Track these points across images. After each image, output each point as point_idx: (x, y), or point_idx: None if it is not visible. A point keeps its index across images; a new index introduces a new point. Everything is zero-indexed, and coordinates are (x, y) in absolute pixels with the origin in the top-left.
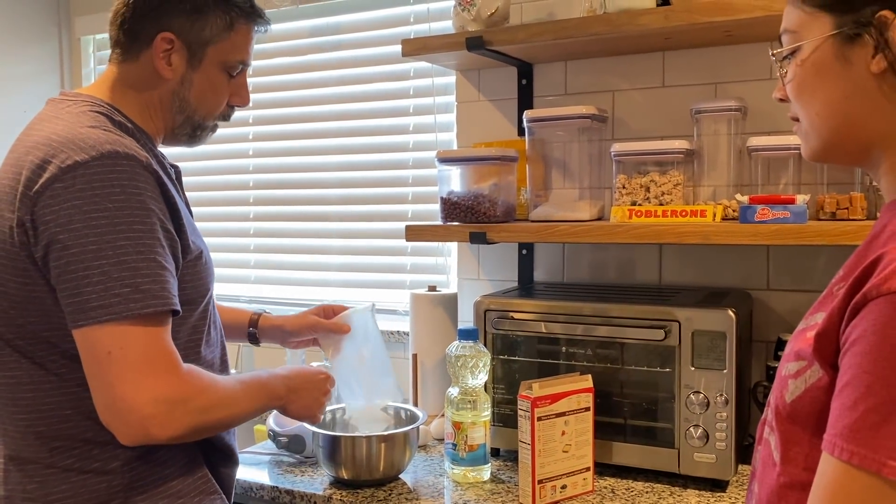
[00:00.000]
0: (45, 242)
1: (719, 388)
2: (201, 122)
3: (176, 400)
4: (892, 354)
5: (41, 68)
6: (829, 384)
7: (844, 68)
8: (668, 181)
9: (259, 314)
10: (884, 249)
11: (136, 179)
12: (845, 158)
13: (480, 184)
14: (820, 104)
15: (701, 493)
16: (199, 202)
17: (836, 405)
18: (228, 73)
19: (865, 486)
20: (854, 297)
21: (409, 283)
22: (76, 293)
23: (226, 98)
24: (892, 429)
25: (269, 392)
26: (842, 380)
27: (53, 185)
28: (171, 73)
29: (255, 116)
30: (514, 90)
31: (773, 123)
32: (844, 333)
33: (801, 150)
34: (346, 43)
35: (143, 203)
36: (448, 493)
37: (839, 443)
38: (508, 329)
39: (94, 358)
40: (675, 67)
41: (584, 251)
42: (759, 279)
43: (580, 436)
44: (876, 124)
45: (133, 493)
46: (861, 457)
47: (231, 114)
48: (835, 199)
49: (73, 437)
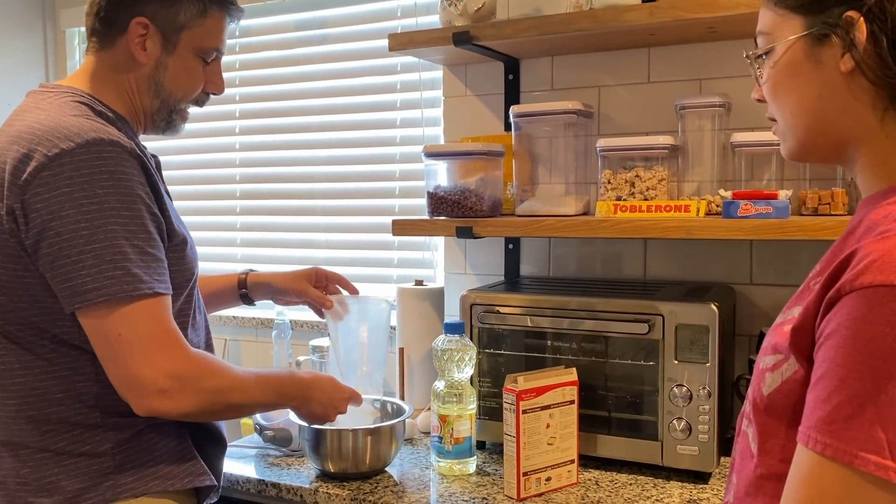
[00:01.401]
0: (36, 230)
1: (702, 382)
2: (176, 105)
3: (188, 377)
4: (864, 348)
5: (26, 61)
6: (805, 377)
7: (816, 68)
8: (652, 176)
9: (246, 273)
10: (858, 244)
11: (122, 165)
12: (822, 157)
13: (467, 178)
14: (793, 104)
15: (684, 485)
16: (185, 195)
17: (810, 398)
18: (203, 59)
19: (838, 478)
20: (829, 292)
21: (396, 277)
22: (70, 277)
23: (201, 84)
24: (864, 421)
25: (283, 392)
26: (816, 373)
27: (41, 173)
28: (146, 58)
29: (241, 110)
30: (501, 85)
31: (756, 119)
32: (819, 327)
33: (781, 149)
34: (333, 37)
35: (130, 188)
36: (434, 485)
37: (813, 435)
38: (494, 323)
39: (106, 341)
40: (660, 63)
41: (570, 246)
42: (742, 274)
43: (565, 428)
44: (848, 123)
45: (123, 474)
46: (834, 448)
47: (205, 101)
48: (817, 195)
49: (64, 420)
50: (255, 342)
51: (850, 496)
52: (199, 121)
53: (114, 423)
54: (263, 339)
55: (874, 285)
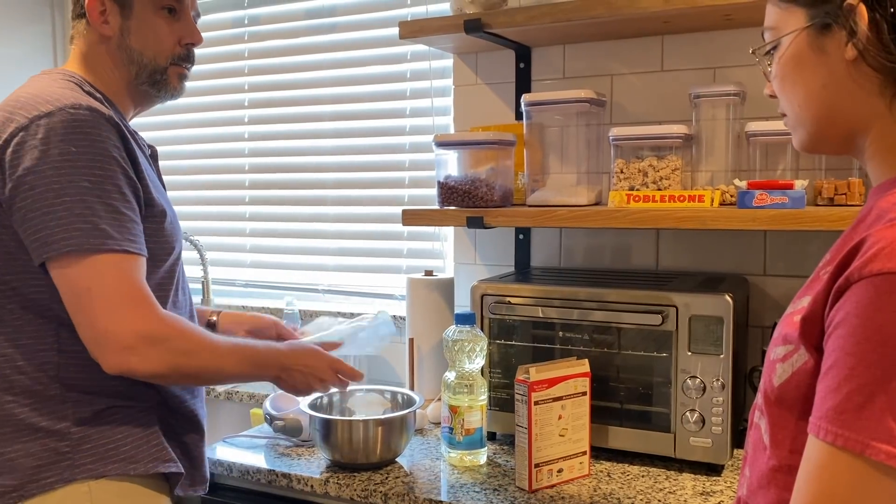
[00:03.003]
0: (11, 185)
1: (716, 373)
2: (154, 65)
3: (156, 337)
4: (874, 336)
5: (34, 49)
6: (815, 367)
7: (820, 58)
8: (666, 166)
9: (217, 313)
10: (867, 232)
11: (98, 128)
12: (833, 148)
13: (478, 168)
14: (801, 96)
15: (696, 477)
16: (194, 186)
17: (820, 388)
18: (167, 11)
19: (850, 468)
20: (838, 281)
21: (406, 267)
22: (40, 229)
23: (172, 38)
24: (875, 410)
25: (259, 362)
26: (826, 363)
27: (19, 133)
28: (110, 30)
29: (250, 100)
30: (512, 74)
31: (771, 109)
32: (829, 317)
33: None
34: (343, 25)
35: (105, 149)
36: (445, 476)
37: (824, 425)
38: (505, 314)
39: (76, 295)
40: (674, 51)
41: (581, 236)
42: (755, 264)
43: (577, 420)
44: (854, 112)
45: (82, 454)
46: (845, 438)
47: (189, 55)
48: (833, 185)
49: (25, 389)
50: None
51: (861, 486)
52: (209, 109)
53: (74, 397)
54: None
55: (883, 273)
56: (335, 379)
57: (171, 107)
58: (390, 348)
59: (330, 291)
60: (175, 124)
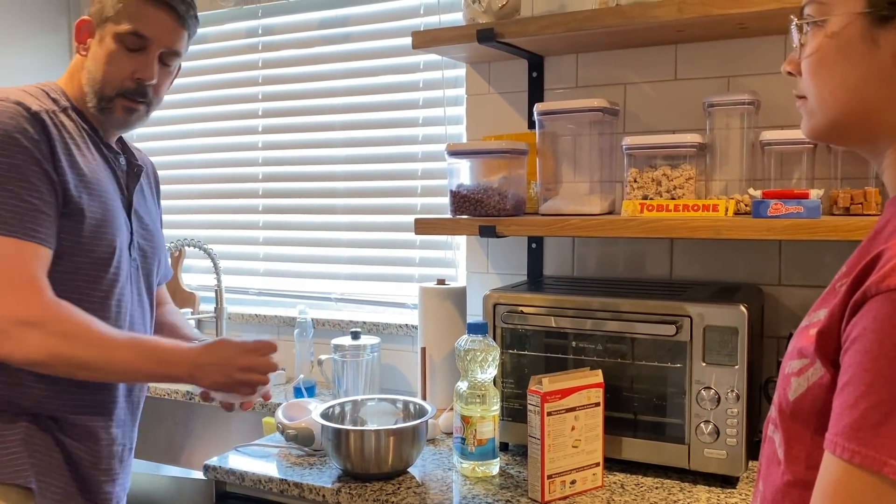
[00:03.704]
0: None
1: (730, 384)
2: (101, 92)
3: (32, 320)
4: (891, 352)
5: (50, 59)
6: (831, 382)
7: (870, 50)
8: (680, 175)
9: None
10: (885, 246)
11: (15, 119)
12: (848, 141)
13: (490, 177)
14: (836, 83)
15: (711, 489)
16: (208, 195)
17: (837, 403)
18: (124, 44)
19: (867, 485)
20: (855, 294)
21: (418, 276)
22: None
23: (124, 69)
24: (892, 427)
25: (166, 359)
26: (842, 378)
27: None
28: (84, 52)
29: (264, 109)
30: (525, 83)
31: (786, 117)
32: (845, 331)
33: (802, 126)
34: (356, 35)
35: (17, 141)
36: (457, 487)
37: (840, 442)
38: (518, 323)
39: None
40: (687, 60)
41: (594, 245)
42: (770, 274)
43: (590, 431)
44: (889, 114)
45: None
46: (862, 456)
47: (139, 90)
48: (849, 194)
49: None
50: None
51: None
52: (223, 119)
53: None
54: (285, 337)
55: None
56: (253, 363)
57: (186, 116)
58: (402, 357)
59: (342, 300)
60: (189, 133)
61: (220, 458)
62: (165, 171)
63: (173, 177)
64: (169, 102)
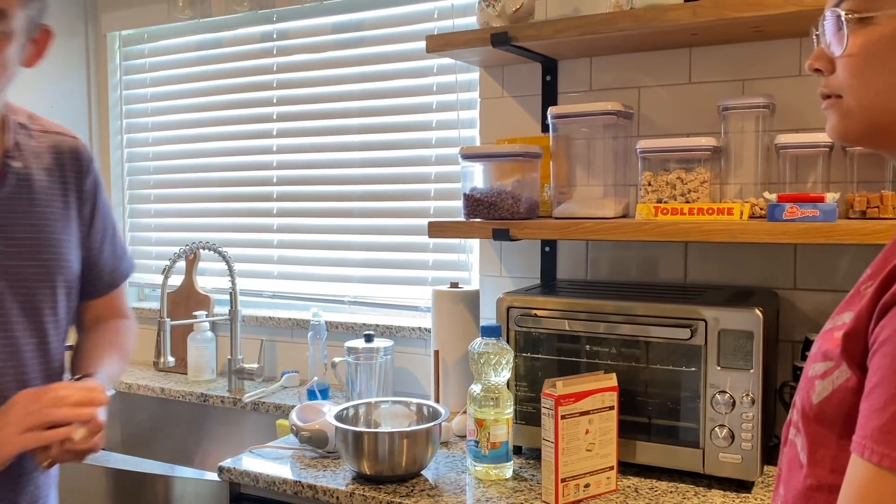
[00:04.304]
0: None
1: (745, 388)
2: None
3: None
4: None
5: (68, 64)
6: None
7: None
8: (694, 178)
9: None
10: None
11: None
12: (881, 143)
13: (503, 180)
14: (883, 85)
15: (726, 493)
16: (223, 198)
17: (865, 407)
18: None
19: None
20: (883, 297)
21: (431, 279)
22: None
23: None
24: None
25: None
26: (871, 381)
27: None
28: None
29: (278, 113)
30: (538, 86)
31: (801, 121)
32: (873, 334)
33: (829, 127)
34: (370, 39)
35: None
36: (470, 489)
37: (869, 445)
38: (531, 326)
39: None
40: (702, 64)
41: (608, 249)
42: (785, 278)
43: (604, 434)
44: None
45: None
46: (892, 459)
47: None
48: (865, 198)
49: None
50: (290, 343)
51: None
52: (238, 123)
53: None
54: (299, 340)
55: None
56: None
57: (201, 120)
58: (416, 360)
59: (356, 303)
60: (204, 137)
61: (234, 460)
62: (180, 175)
63: (188, 180)
64: (184, 107)
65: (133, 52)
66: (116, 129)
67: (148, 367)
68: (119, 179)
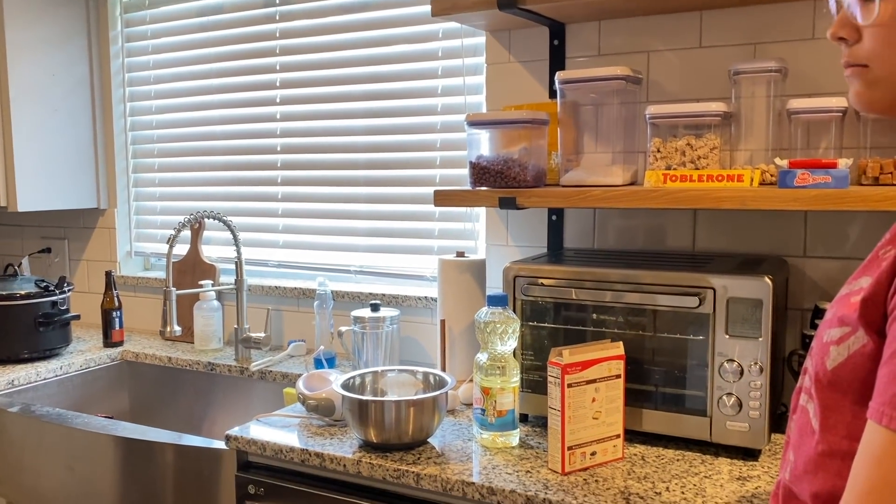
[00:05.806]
0: None
1: (754, 357)
2: None
3: None
4: None
5: (69, 31)
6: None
7: None
8: (704, 145)
9: None
10: None
11: None
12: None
13: (510, 148)
14: None
15: (733, 461)
16: (227, 166)
17: (883, 373)
18: None
19: None
20: None
21: (437, 248)
22: None
23: None
24: None
25: None
26: (889, 348)
27: None
28: None
29: (282, 80)
30: (546, 51)
31: (814, 85)
32: (892, 299)
33: (854, 96)
34: (374, 4)
35: None
36: (477, 457)
37: (887, 411)
38: (538, 295)
39: None
40: (712, 27)
41: (615, 217)
42: (795, 246)
43: (610, 403)
44: None
45: None
46: None
47: None
48: (878, 164)
49: None
50: (296, 312)
51: None
52: (240, 90)
53: None
54: (305, 309)
55: None
56: None
57: (204, 87)
58: (422, 329)
59: (362, 272)
60: (207, 105)
61: (242, 429)
62: (184, 143)
63: (192, 149)
64: (187, 74)
65: (135, 19)
66: (119, 98)
67: (155, 335)
68: (123, 148)
